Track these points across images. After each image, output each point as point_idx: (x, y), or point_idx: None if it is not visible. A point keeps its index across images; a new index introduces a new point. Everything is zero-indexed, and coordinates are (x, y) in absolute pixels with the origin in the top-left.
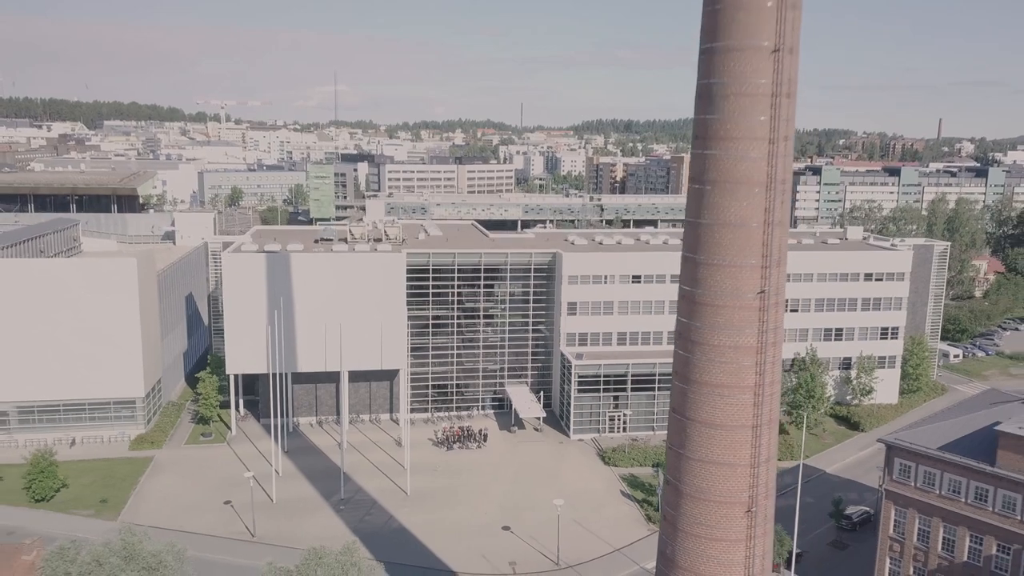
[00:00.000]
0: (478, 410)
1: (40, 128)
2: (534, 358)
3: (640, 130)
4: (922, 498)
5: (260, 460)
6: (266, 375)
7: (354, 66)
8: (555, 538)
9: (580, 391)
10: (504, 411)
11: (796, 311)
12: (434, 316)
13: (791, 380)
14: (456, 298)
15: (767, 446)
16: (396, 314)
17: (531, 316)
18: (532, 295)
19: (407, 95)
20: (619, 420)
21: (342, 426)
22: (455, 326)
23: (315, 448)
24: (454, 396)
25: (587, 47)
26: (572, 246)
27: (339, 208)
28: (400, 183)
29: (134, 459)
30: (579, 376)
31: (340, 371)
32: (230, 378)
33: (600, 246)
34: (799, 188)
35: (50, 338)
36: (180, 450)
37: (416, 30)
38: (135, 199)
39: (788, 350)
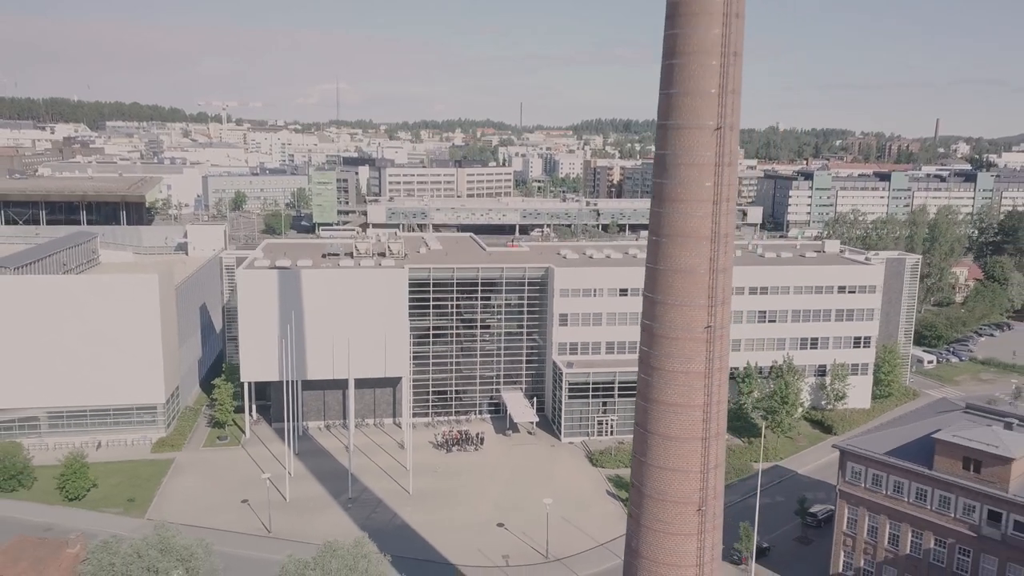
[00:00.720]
0: (475, 414)
1: (44, 130)
2: (528, 366)
3: (639, 130)
4: (871, 498)
5: (273, 462)
6: (277, 382)
7: (354, 65)
8: (545, 534)
9: (571, 397)
10: (500, 415)
11: (774, 322)
12: (434, 326)
13: (768, 386)
14: (455, 309)
15: (715, 455)
16: (399, 325)
17: (525, 326)
18: (526, 307)
19: (407, 93)
20: (607, 424)
21: (349, 430)
22: (454, 336)
23: (324, 450)
24: (453, 401)
25: (587, 46)
26: (564, 260)
27: (341, 213)
28: (400, 187)
29: (156, 461)
30: (570, 383)
31: (347, 378)
32: (244, 385)
33: (590, 260)
34: (791, 193)
35: (77, 348)
36: (198, 452)
37: (416, 29)
38: (143, 206)
39: (766, 358)
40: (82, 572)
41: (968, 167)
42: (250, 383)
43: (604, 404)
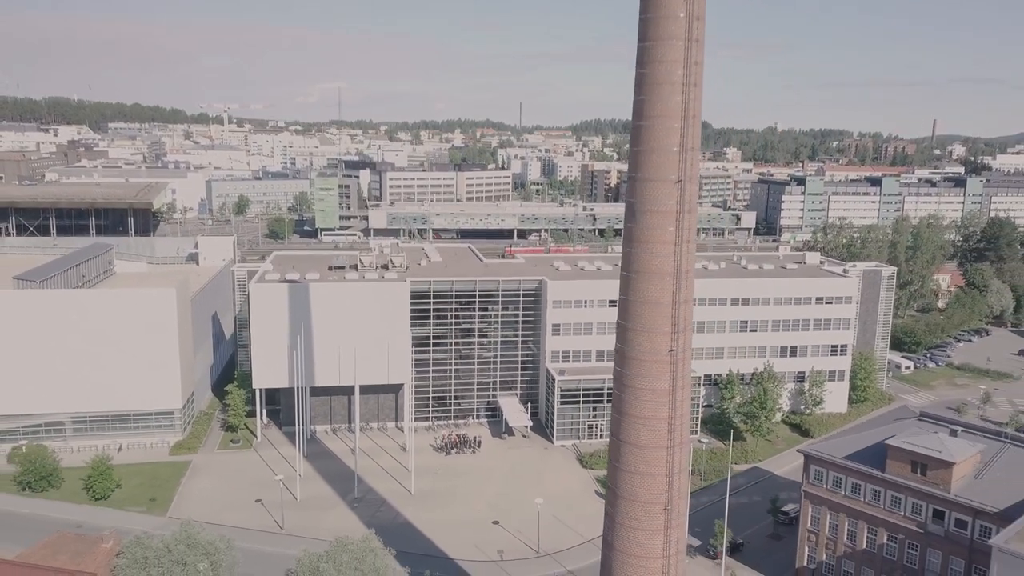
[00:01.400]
0: (473, 419)
1: (47, 132)
2: (523, 372)
3: None
4: (831, 497)
5: (284, 463)
6: (287, 388)
7: (354, 63)
8: (537, 531)
9: (562, 402)
10: (496, 420)
11: (755, 331)
12: (434, 335)
13: (750, 392)
14: (454, 319)
15: (679, 461)
16: (401, 334)
17: (520, 335)
18: (521, 317)
19: (407, 92)
20: (596, 428)
21: (355, 434)
22: (453, 344)
23: (331, 453)
24: (452, 406)
25: (588, 42)
26: (557, 272)
27: (343, 218)
28: (401, 190)
29: (174, 463)
30: (562, 389)
31: (353, 385)
32: (256, 391)
33: (582, 272)
34: (784, 198)
35: (100, 357)
36: (213, 455)
37: (416, 27)
38: (150, 212)
39: (748, 365)
40: (118, 564)
41: (961, 170)
42: (261, 389)
43: (594, 409)
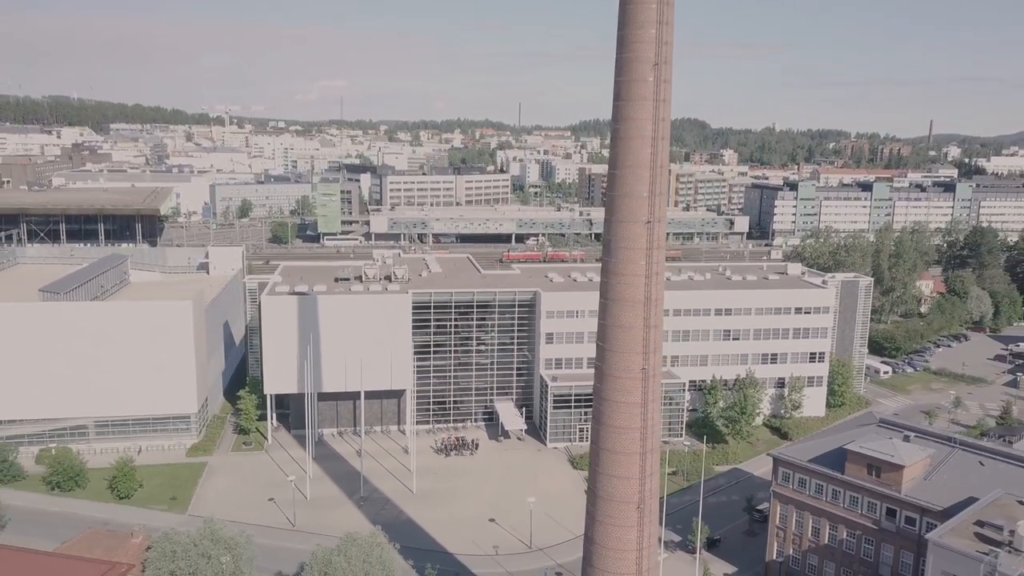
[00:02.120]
0: (471, 422)
1: (50, 134)
2: (518, 378)
3: None
4: (797, 497)
5: (293, 465)
6: (296, 394)
7: (354, 62)
8: (530, 528)
9: (555, 407)
10: (493, 423)
11: (738, 339)
12: (435, 343)
13: (731, 398)
14: (453, 329)
15: (650, 465)
16: (403, 343)
17: (515, 343)
18: (516, 326)
19: (407, 91)
20: (588, 431)
21: (360, 437)
22: (452, 352)
23: (337, 455)
24: (451, 410)
25: (588, 40)
26: (550, 284)
27: (345, 223)
28: (401, 194)
29: (191, 464)
30: (554, 395)
31: (359, 390)
32: (266, 396)
33: (574, 283)
34: (777, 203)
35: (121, 364)
36: (227, 456)
37: (416, 26)
38: (156, 218)
39: (730, 372)
40: (149, 557)
41: (955, 172)
42: (271, 395)
43: (585, 413)
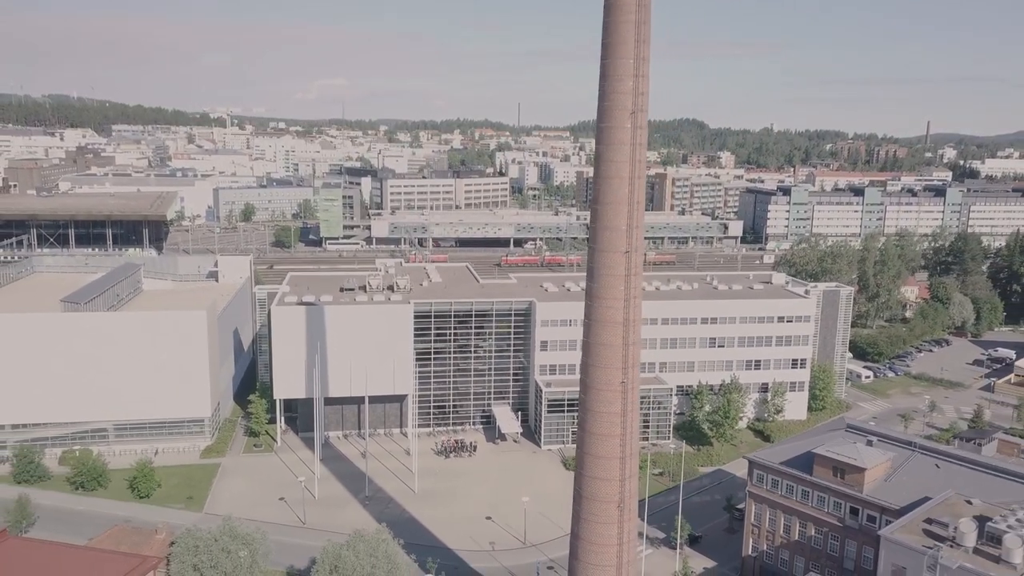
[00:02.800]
0: (470, 425)
1: (53, 136)
2: (514, 384)
3: None
4: (770, 497)
5: (302, 466)
6: (304, 398)
7: (354, 61)
8: (524, 525)
9: (549, 411)
10: (490, 426)
11: (723, 346)
12: (435, 350)
13: (717, 402)
14: (452, 336)
15: (629, 468)
16: (405, 350)
17: (512, 350)
18: (512, 334)
19: (406, 89)
20: None
21: (364, 439)
22: (452, 358)
23: (343, 456)
24: (451, 414)
25: (587, 41)
26: (545, 293)
27: (346, 227)
28: (402, 198)
29: (205, 465)
30: (548, 399)
31: (363, 395)
32: (276, 401)
33: (568, 293)
34: (770, 207)
35: (139, 371)
36: (239, 458)
37: (416, 25)
38: (162, 223)
39: (716, 378)
40: (173, 552)
41: (949, 175)
42: (281, 399)
43: (577, 417)
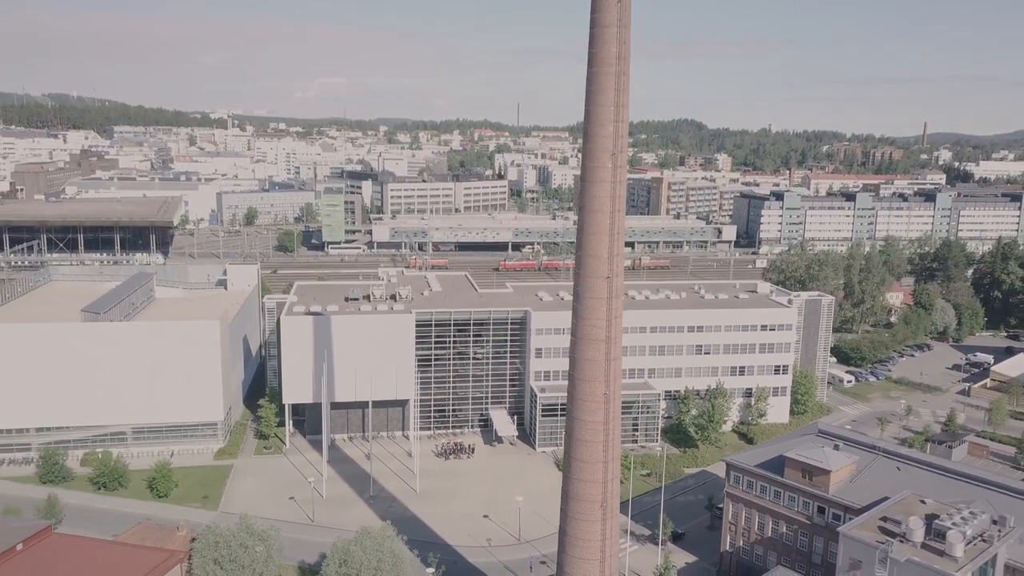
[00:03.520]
0: (468, 428)
1: (56, 138)
2: (511, 389)
3: (633, 131)
4: (746, 496)
5: (310, 467)
6: (311, 403)
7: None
8: (518, 523)
9: (544, 415)
10: (488, 429)
11: (709, 353)
12: (435, 357)
13: (703, 407)
14: (452, 344)
15: (611, 472)
16: (406, 357)
17: (508, 357)
18: (509, 341)
19: (406, 88)
20: None
21: (368, 441)
22: (451, 364)
23: (348, 458)
24: (450, 418)
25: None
26: (540, 302)
27: (348, 232)
28: (402, 202)
29: (219, 466)
30: (543, 404)
31: (367, 400)
32: (285, 405)
33: (562, 302)
34: (764, 212)
35: (156, 377)
36: (250, 460)
37: (415, 23)
38: (168, 229)
39: (702, 383)
40: (195, 547)
41: (943, 178)
42: (289, 404)
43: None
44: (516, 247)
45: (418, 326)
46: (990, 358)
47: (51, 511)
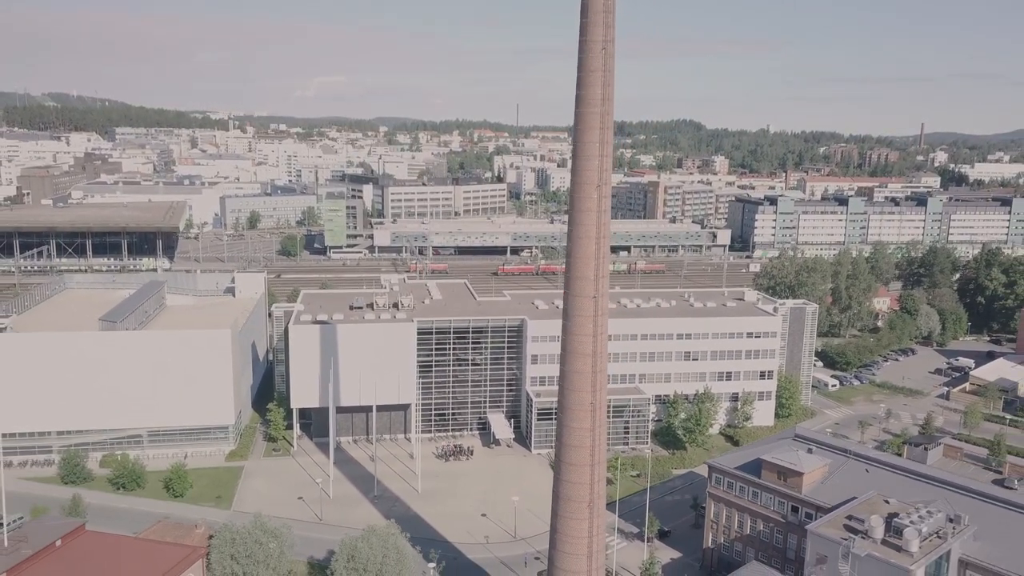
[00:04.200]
0: (467, 431)
1: (59, 140)
2: (508, 393)
3: (632, 132)
4: (726, 496)
5: (317, 468)
6: (316, 407)
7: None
8: (514, 521)
9: (539, 419)
10: (486, 432)
11: (697, 360)
12: (436, 363)
13: (690, 410)
14: (452, 350)
15: (598, 474)
16: (408, 363)
17: (506, 363)
18: (506, 348)
19: (405, 86)
20: None
21: (372, 444)
22: (451, 370)
23: (353, 460)
24: (450, 421)
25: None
26: (536, 311)
27: (350, 236)
28: (402, 205)
29: (231, 467)
30: (538, 408)
31: (371, 404)
32: (292, 409)
33: (557, 310)
34: (758, 217)
35: (170, 383)
36: (260, 461)
37: (415, 22)
38: (175, 234)
39: (690, 388)
40: (213, 543)
41: (938, 181)
42: (296, 408)
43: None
44: (514, 251)
45: (419, 334)
46: (971, 362)
47: (76, 510)
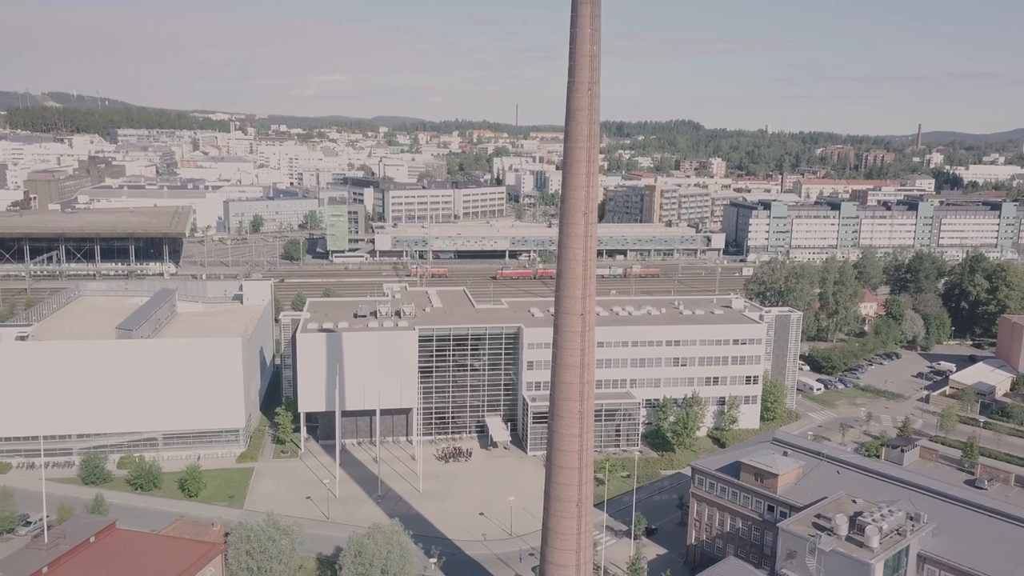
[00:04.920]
0: (466, 434)
1: (62, 142)
2: (505, 398)
3: (632, 132)
4: (708, 496)
5: (323, 469)
6: (324, 412)
7: (352, 57)
8: (510, 520)
9: (535, 422)
10: (484, 435)
11: (685, 365)
12: (436, 369)
13: (678, 414)
14: (451, 356)
15: (586, 476)
16: (410, 369)
17: (503, 368)
18: (503, 354)
19: (404, 85)
20: None
21: (376, 446)
22: (450, 375)
23: (358, 461)
24: (449, 424)
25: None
26: (532, 318)
27: (352, 241)
28: (403, 209)
29: (242, 469)
30: (534, 412)
31: (375, 408)
32: (300, 413)
33: (552, 317)
34: (751, 221)
35: (184, 388)
36: (270, 463)
37: (414, 20)
38: (181, 239)
39: (679, 392)
40: (229, 540)
41: (932, 183)
42: (303, 412)
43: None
44: (513, 255)
45: (420, 341)
46: (952, 367)
47: (99, 509)
